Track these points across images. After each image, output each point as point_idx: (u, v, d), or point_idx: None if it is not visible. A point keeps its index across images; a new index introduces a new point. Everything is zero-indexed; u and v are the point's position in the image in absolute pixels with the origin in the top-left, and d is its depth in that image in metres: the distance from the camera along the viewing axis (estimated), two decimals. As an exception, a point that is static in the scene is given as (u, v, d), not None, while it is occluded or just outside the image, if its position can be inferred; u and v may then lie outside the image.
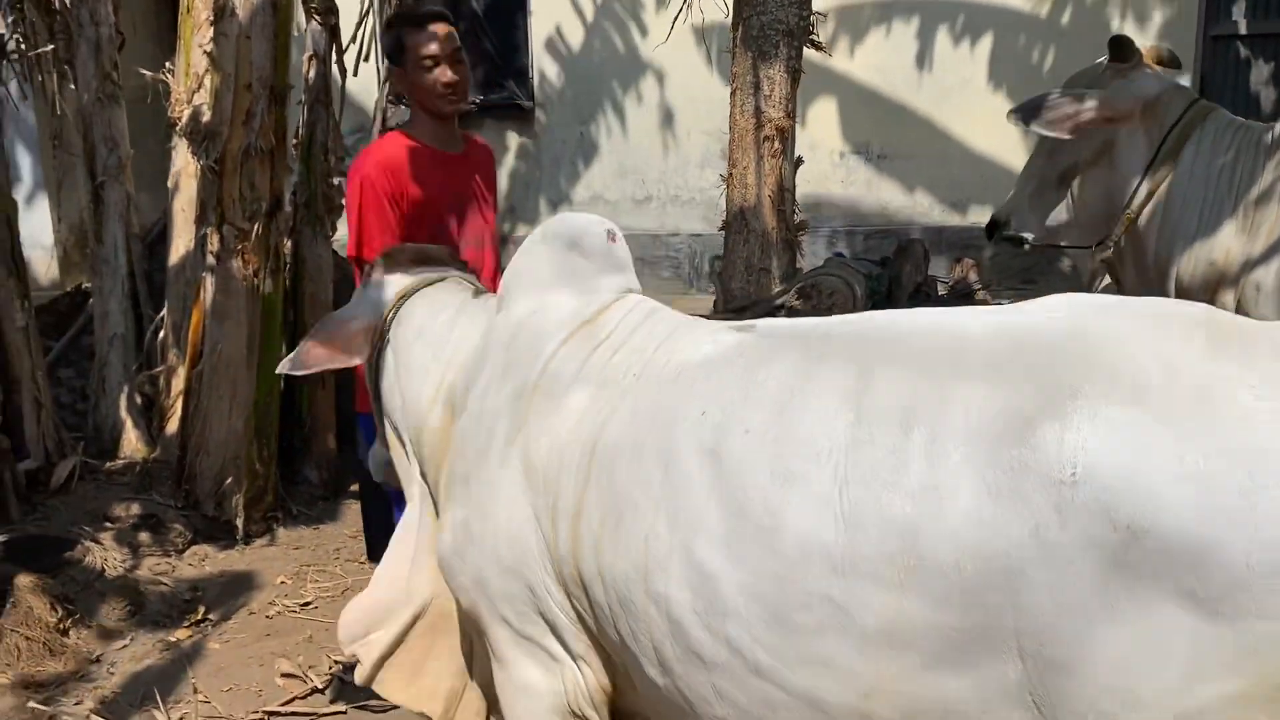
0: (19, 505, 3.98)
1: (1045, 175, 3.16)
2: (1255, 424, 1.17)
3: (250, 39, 3.75)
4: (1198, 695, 1.16)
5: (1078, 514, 1.18)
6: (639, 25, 8.67)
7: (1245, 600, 1.13)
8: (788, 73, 2.13)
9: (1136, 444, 1.18)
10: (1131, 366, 1.24)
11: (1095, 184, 3.05)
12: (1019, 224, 3.23)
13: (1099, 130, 3.00)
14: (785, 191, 2.20)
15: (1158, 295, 2.96)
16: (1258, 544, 1.12)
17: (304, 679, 3.21)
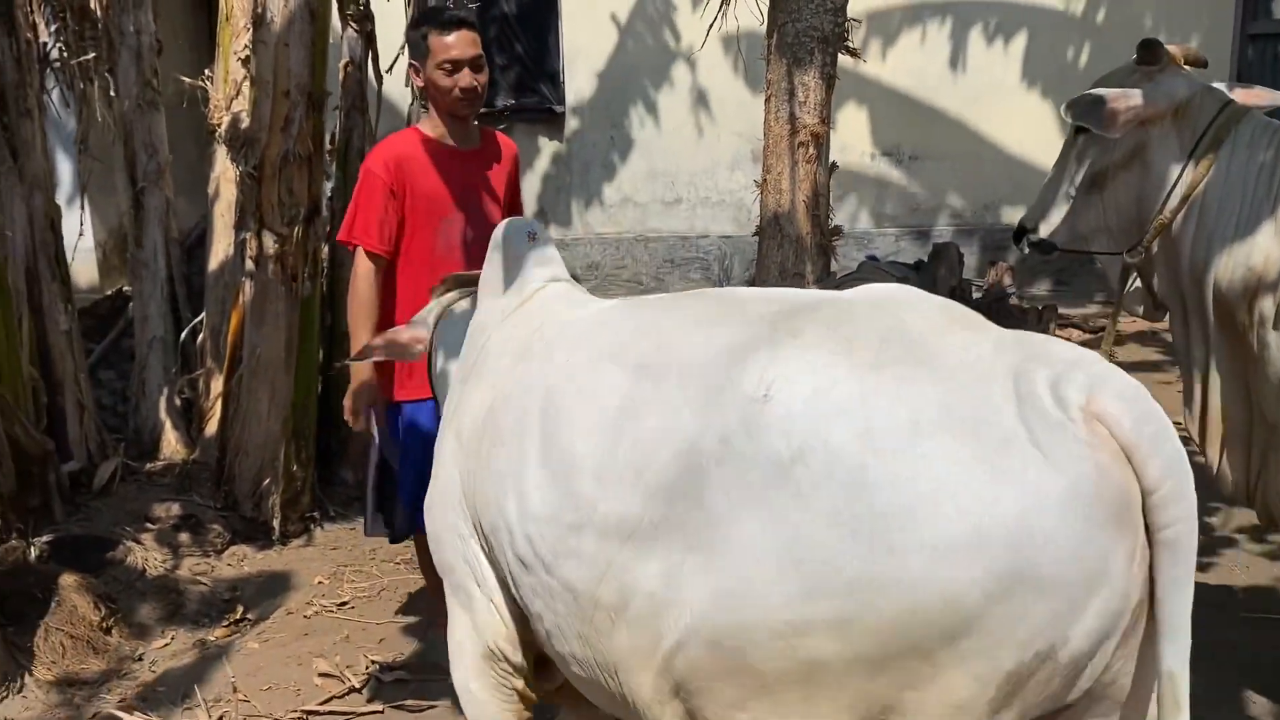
0: (63, 506, 4.06)
1: (1073, 180, 3.13)
2: (941, 384, 1.33)
3: (288, 46, 3.80)
4: (808, 610, 1.31)
5: (762, 430, 1.36)
6: (671, 29, 8.69)
7: (883, 532, 1.28)
8: (822, 79, 2.14)
9: (824, 380, 1.36)
10: (858, 327, 1.45)
11: (1126, 188, 3.02)
12: (1047, 230, 3.20)
13: (1130, 133, 2.98)
14: (819, 197, 2.21)
15: (1192, 300, 2.94)
16: (895, 480, 1.29)
17: (341, 679, 3.25)
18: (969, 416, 1.30)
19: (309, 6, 3.82)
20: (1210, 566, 4.04)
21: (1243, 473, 2.92)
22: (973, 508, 1.25)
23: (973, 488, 1.25)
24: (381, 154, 2.93)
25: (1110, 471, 1.29)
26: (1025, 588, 1.25)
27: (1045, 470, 1.26)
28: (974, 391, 1.32)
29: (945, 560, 1.24)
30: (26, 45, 4.16)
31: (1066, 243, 3.19)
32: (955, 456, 1.27)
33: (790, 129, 2.16)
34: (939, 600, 1.25)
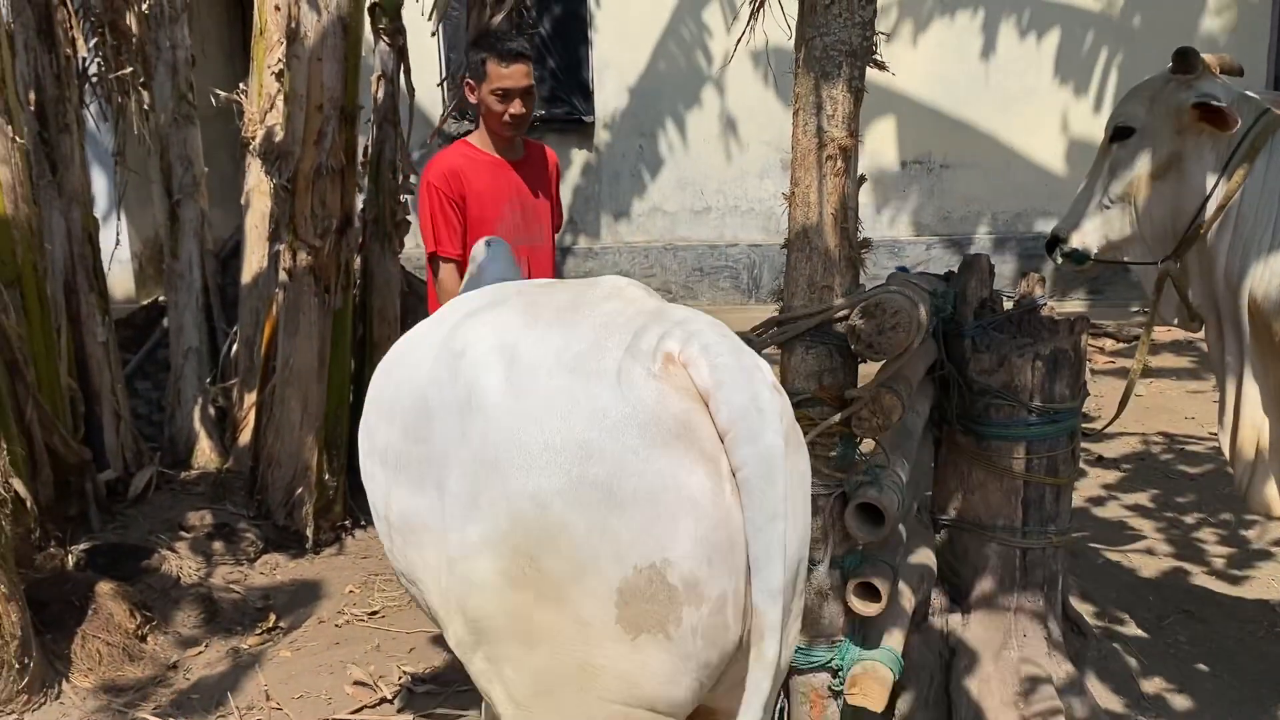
0: (99, 515, 4.12)
1: (1107, 189, 3.11)
2: (575, 333, 1.57)
3: (321, 61, 3.84)
4: (468, 535, 1.52)
5: (455, 377, 1.61)
6: (699, 41, 8.70)
7: (504, 455, 1.49)
8: (850, 92, 2.14)
9: (498, 335, 1.61)
10: (554, 298, 1.70)
11: (1161, 197, 3.00)
12: (1079, 240, 3.19)
13: (1165, 142, 2.96)
14: (848, 209, 2.20)
15: (1227, 311, 2.91)
16: (514, 409, 1.52)
17: (374, 688, 3.27)
18: (582, 355, 1.52)
19: (342, 21, 3.86)
20: (1246, 580, 3.99)
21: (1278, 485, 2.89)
22: (556, 426, 1.47)
23: (559, 409, 1.48)
24: (438, 168, 3.29)
25: (670, 401, 1.49)
26: (598, 497, 1.44)
27: (614, 396, 1.47)
28: (595, 339, 1.55)
29: (533, 472, 1.46)
30: (65, 61, 4.23)
31: (1100, 252, 3.18)
32: (557, 386, 1.50)
33: (818, 142, 2.15)
34: (531, 509, 1.46)
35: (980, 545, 2.98)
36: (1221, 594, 3.90)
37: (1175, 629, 3.62)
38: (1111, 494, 4.85)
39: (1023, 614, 2.97)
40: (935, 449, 3.15)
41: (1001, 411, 2.85)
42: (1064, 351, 2.85)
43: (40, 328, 3.87)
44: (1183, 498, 4.77)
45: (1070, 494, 3.06)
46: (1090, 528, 4.50)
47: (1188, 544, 4.31)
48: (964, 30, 8.37)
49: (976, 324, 2.91)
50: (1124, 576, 4.05)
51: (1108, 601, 3.80)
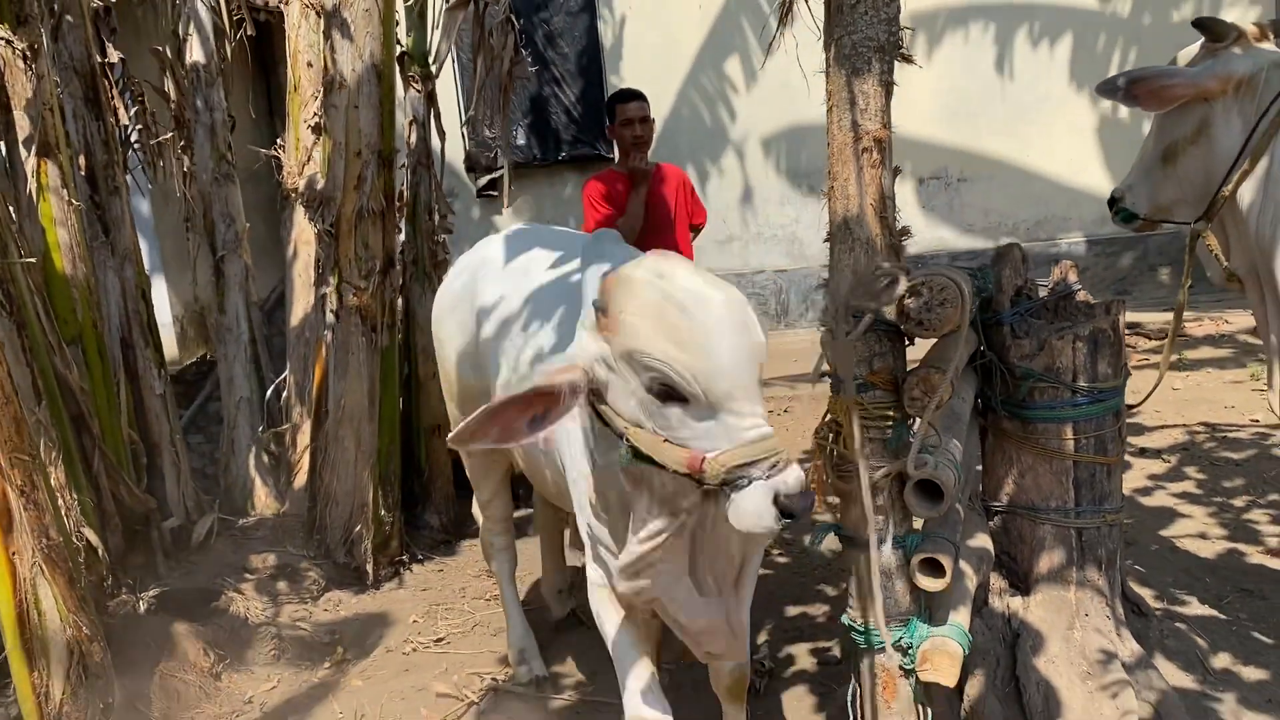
0: (165, 561, 4.21)
1: (1153, 153, 3.21)
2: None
3: (358, 109, 3.99)
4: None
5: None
6: (710, 73, 8.87)
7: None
8: (881, 86, 2.23)
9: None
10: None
11: (1194, 161, 3.08)
12: (1132, 200, 3.29)
13: (1196, 107, 3.04)
14: (886, 199, 2.29)
15: (1264, 273, 2.97)
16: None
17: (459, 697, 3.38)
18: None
19: (375, 70, 4.01)
20: (1304, 555, 3.99)
21: (1329, 448, 2.91)
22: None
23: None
24: (594, 184, 4.49)
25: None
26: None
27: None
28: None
29: None
30: (112, 127, 4.40)
31: (1149, 213, 3.27)
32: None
33: (854, 136, 2.24)
34: None
35: (1035, 528, 3.01)
36: (1278, 571, 3.90)
37: (1236, 607, 3.62)
38: (1158, 483, 4.85)
39: (1084, 593, 3.00)
40: (982, 439, 3.20)
41: (1046, 394, 2.90)
42: (1103, 331, 2.90)
43: (101, 382, 4.00)
44: (1229, 482, 4.77)
45: (1120, 473, 3.10)
46: (1140, 516, 4.51)
47: (1240, 526, 4.31)
48: (976, 43, 8.48)
49: (1014, 311, 2.98)
50: (1179, 561, 4.05)
51: (1166, 585, 3.82)
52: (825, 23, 2.31)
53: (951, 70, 8.45)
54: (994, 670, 2.94)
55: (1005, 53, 8.45)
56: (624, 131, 4.49)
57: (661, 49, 8.85)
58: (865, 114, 2.25)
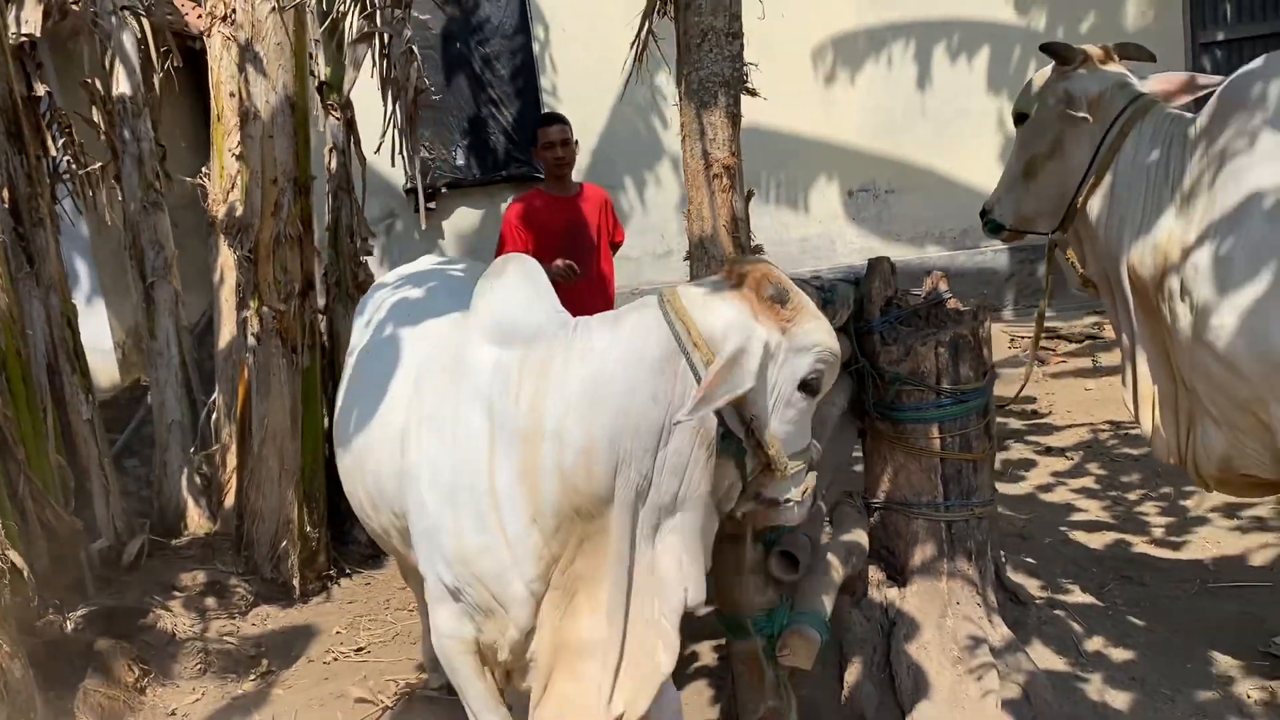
0: (94, 581, 4.31)
1: (1016, 168, 3.44)
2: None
3: (273, 138, 4.14)
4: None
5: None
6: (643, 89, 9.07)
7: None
8: (728, 118, 2.40)
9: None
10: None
11: (1051, 175, 3.31)
12: (1000, 212, 3.51)
13: (1050, 126, 3.27)
14: (738, 221, 2.46)
15: (1113, 278, 3.19)
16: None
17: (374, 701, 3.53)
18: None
19: (289, 101, 4.16)
20: (1183, 545, 4.22)
21: (1174, 437, 3.14)
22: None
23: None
24: (513, 207, 4.62)
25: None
26: None
27: None
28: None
29: None
30: (36, 160, 4.52)
31: (1014, 224, 3.50)
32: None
33: (705, 164, 2.42)
34: None
35: (909, 523, 3.21)
36: (1160, 558, 4.13)
37: (1115, 593, 3.83)
38: (1060, 480, 5.08)
39: (956, 583, 3.20)
40: (862, 440, 3.40)
41: (912, 396, 3.11)
42: (964, 337, 3.11)
43: (27, 409, 4.10)
44: (1127, 477, 5.00)
45: (989, 468, 3.31)
46: (1039, 511, 4.73)
47: (1130, 518, 4.54)
48: (897, 61, 8.74)
49: (883, 319, 3.18)
50: (1070, 552, 4.27)
51: (1054, 574, 4.02)
52: (677, 60, 2.50)
53: (875, 87, 8.71)
54: (871, 658, 3.12)
55: (925, 68, 8.71)
56: (546, 154, 4.69)
57: (594, 67, 9.03)
58: (714, 143, 2.44)
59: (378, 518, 2.53)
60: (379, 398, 2.47)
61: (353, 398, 2.69)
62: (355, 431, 2.56)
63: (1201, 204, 2.89)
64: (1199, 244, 2.86)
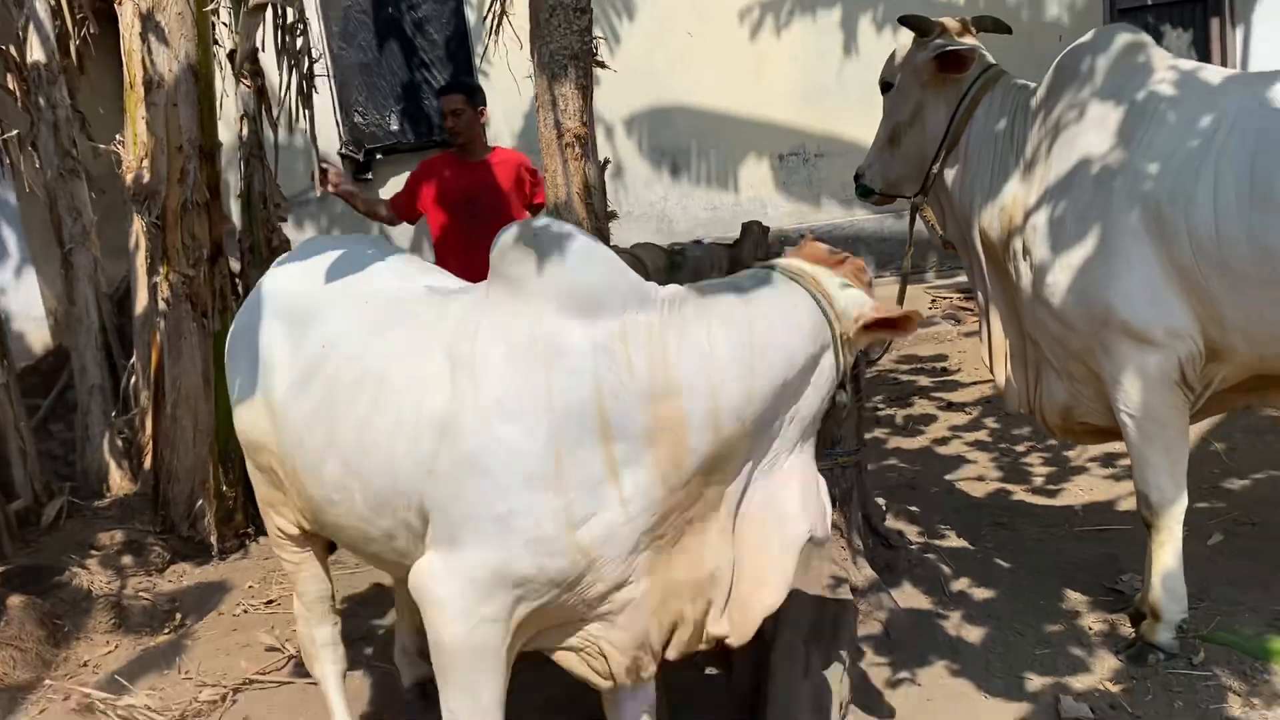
0: (11, 542, 4.43)
1: (883, 135, 3.61)
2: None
3: (176, 106, 4.22)
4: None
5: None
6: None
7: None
8: (578, 89, 2.53)
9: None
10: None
11: (912, 142, 3.48)
12: (870, 177, 3.68)
13: (913, 93, 3.44)
14: (591, 189, 2.60)
15: (967, 238, 3.38)
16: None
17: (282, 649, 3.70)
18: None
19: (192, 69, 4.24)
20: (1059, 492, 4.45)
21: (1024, 388, 3.35)
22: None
23: None
24: (420, 166, 4.94)
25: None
26: None
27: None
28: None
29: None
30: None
31: (883, 188, 3.67)
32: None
33: (557, 133, 2.55)
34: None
35: (779, 472, 3.40)
36: (1035, 505, 4.37)
37: (988, 538, 4.06)
38: (956, 434, 5.31)
39: (822, 528, 3.40)
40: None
41: (778, 352, 3.28)
42: (827, 295, 3.29)
43: (-59, 375, 4.20)
44: (1018, 430, 5.23)
45: (855, 419, 3.49)
46: (931, 463, 4.96)
47: (1015, 468, 4.77)
48: (825, 28, 8.87)
49: (752, 279, 3.35)
50: (954, 501, 4.50)
51: (934, 522, 4.25)
52: (530, 33, 2.64)
53: (805, 52, 8.84)
54: (740, 598, 3.32)
55: (852, 36, 8.86)
56: (446, 122, 4.90)
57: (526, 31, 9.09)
58: (565, 114, 2.58)
59: (379, 522, 2.28)
60: (385, 395, 2.21)
61: (333, 397, 2.31)
62: (348, 433, 2.26)
63: (1040, 170, 3.07)
64: (1038, 207, 3.06)
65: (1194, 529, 3.85)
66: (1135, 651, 3.10)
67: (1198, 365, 2.86)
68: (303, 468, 2.40)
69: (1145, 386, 2.88)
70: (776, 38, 8.86)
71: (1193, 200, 2.72)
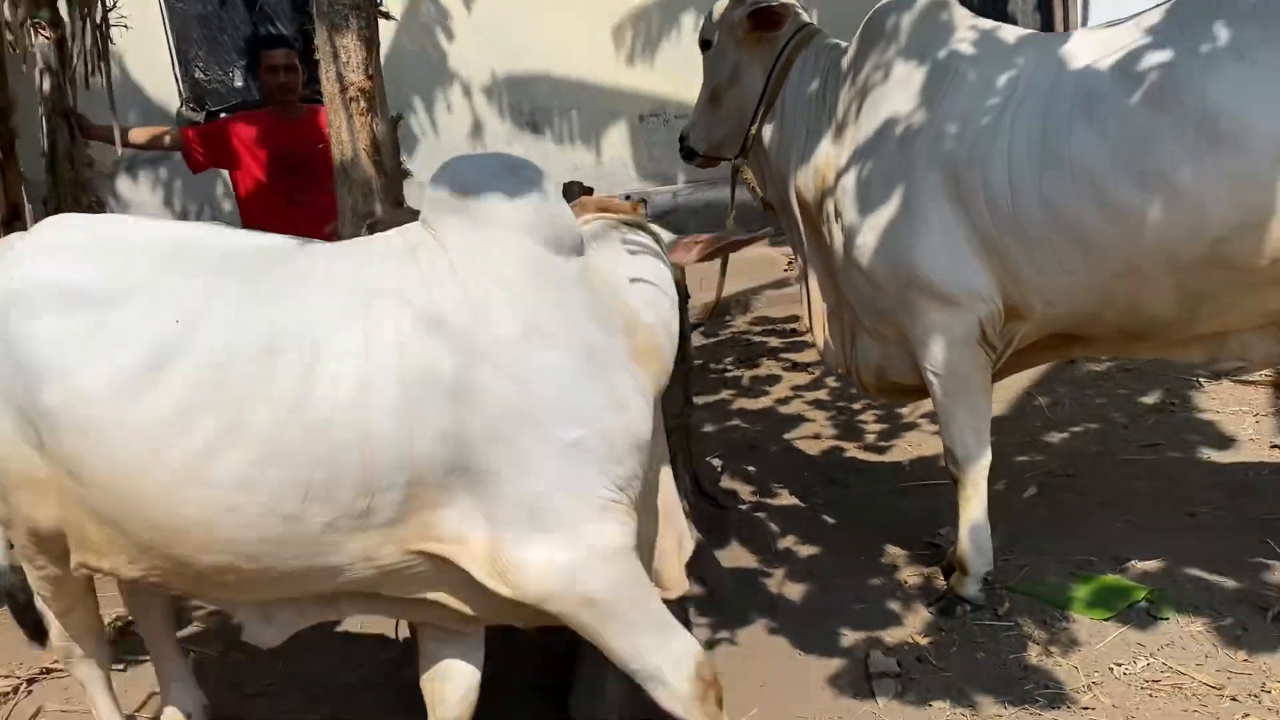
0: None
1: (705, 95, 3.55)
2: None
3: (-38, 60, 3.90)
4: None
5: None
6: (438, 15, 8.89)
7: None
8: (361, 40, 2.41)
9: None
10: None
11: (732, 102, 3.44)
12: (694, 138, 3.63)
13: (731, 53, 3.39)
14: (379, 145, 2.50)
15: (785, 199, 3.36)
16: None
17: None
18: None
19: (-23, 18, 3.93)
20: (890, 448, 4.54)
21: (840, 349, 3.37)
22: None
23: None
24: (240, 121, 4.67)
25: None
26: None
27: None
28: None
29: None
30: None
31: (707, 150, 3.62)
32: None
33: (340, 87, 2.43)
34: None
35: (600, 436, 3.36)
36: (866, 461, 4.44)
37: (819, 495, 4.12)
38: (798, 393, 5.36)
39: (646, 491, 3.38)
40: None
41: (595, 315, 3.23)
42: (645, 257, 3.24)
43: None
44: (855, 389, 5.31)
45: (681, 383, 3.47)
46: (773, 422, 5.00)
47: (851, 426, 4.85)
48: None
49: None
50: (789, 460, 4.54)
51: (768, 481, 4.28)
52: (314, -18, 2.49)
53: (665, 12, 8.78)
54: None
55: None
56: (270, 79, 4.63)
57: (376, -12, 8.79)
58: (348, 66, 2.45)
59: (314, 516, 1.93)
60: (325, 364, 1.91)
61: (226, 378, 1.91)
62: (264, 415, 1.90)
63: (850, 131, 3.07)
64: (848, 168, 3.06)
65: (1011, 482, 3.99)
66: (945, 604, 3.17)
67: (998, 324, 2.90)
68: (157, 487, 1.92)
69: (948, 346, 2.93)
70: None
71: (988, 161, 2.75)
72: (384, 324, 1.94)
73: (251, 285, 2.00)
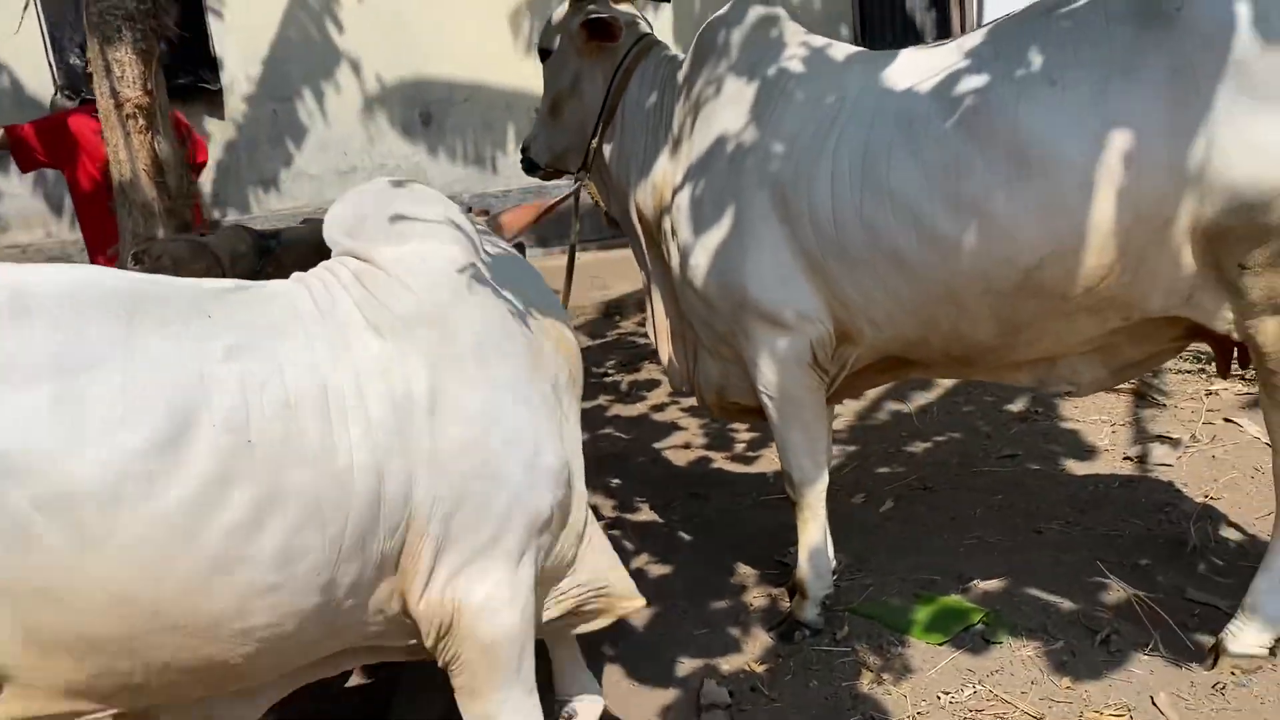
0: None
1: (545, 106, 3.42)
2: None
3: None
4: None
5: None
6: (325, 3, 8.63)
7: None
8: (137, 54, 2.27)
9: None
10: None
11: (573, 114, 3.32)
12: (536, 150, 3.50)
13: (571, 62, 3.27)
14: (164, 165, 2.35)
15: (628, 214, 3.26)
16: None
17: None
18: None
19: None
20: (756, 459, 4.48)
21: (684, 367, 3.29)
22: None
23: None
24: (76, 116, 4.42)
25: None
26: None
27: None
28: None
29: None
30: None
31: (549, 162, 3.49)
32: None
33: (115, 103, 2.27)
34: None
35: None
36: (730, 473, 4.38)
37: (678, 510, 4.04)
38: (674, 400, 5.30)
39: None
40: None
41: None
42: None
43: None
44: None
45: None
46: (643, 431, 4.92)
47: (720, 435, 4.79)
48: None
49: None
50: (655, 472, 4.47)
51: (630, 495, 4.20)
52: (82, -10, 2.32)
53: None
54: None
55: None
56: None
57: (261, -27, 8.52)
58: (123, 81, 2.29)
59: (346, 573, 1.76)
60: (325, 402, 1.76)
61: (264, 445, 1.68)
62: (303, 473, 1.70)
63: (685, 147, 2.98)
64: (682, 186, 2.97)
65: (870, 495, 3.96)
66: (785, 629, 3.12)
67: (829, 347, 2.84)
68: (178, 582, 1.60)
69: (780, 368, 2.86)
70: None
71: (813, 182, 2.68)
72: (364, 352, 1.84)
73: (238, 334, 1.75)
